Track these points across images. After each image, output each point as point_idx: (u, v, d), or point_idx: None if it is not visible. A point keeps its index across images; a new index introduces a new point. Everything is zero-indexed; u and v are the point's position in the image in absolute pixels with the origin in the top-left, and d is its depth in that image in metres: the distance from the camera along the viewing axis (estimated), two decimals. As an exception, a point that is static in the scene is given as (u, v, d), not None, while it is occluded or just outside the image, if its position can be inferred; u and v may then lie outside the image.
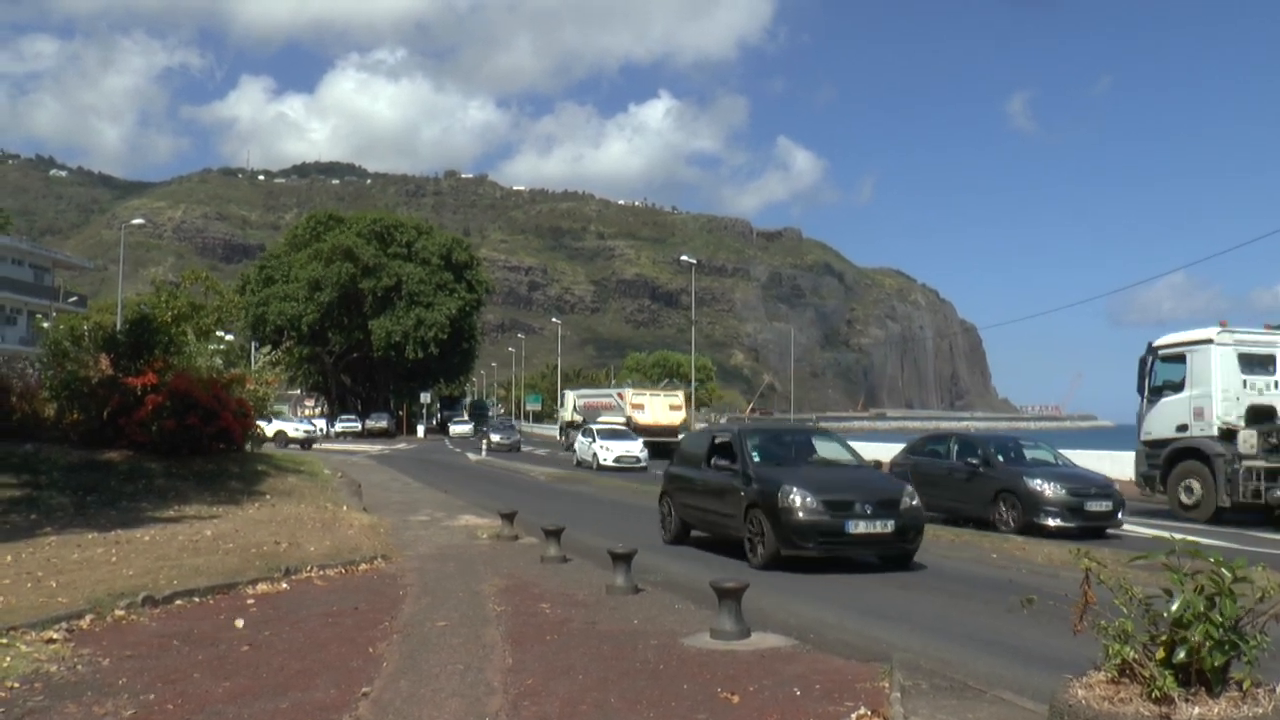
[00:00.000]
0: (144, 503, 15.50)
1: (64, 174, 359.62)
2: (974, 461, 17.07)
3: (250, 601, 9.15)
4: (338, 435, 69.61)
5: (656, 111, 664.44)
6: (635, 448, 36.06)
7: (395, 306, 75.27)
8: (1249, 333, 20.16)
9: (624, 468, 34.13)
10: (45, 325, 29.49)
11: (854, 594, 10.62)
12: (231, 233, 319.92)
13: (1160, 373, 20.84)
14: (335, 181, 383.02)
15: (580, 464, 36.74)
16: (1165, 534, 15.88)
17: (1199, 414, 19.39)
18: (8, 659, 6.53)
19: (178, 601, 8.81)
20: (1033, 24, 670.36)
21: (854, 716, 5.61)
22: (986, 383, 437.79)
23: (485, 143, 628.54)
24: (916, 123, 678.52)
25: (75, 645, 7.11)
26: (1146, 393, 21.12)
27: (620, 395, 51.22)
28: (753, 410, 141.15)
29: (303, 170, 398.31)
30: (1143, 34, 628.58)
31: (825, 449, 14.05)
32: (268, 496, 17.87)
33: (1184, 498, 19.62)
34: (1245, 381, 19.31)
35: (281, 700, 5.97)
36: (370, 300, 75.28)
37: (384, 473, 30.40)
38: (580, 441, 38.82)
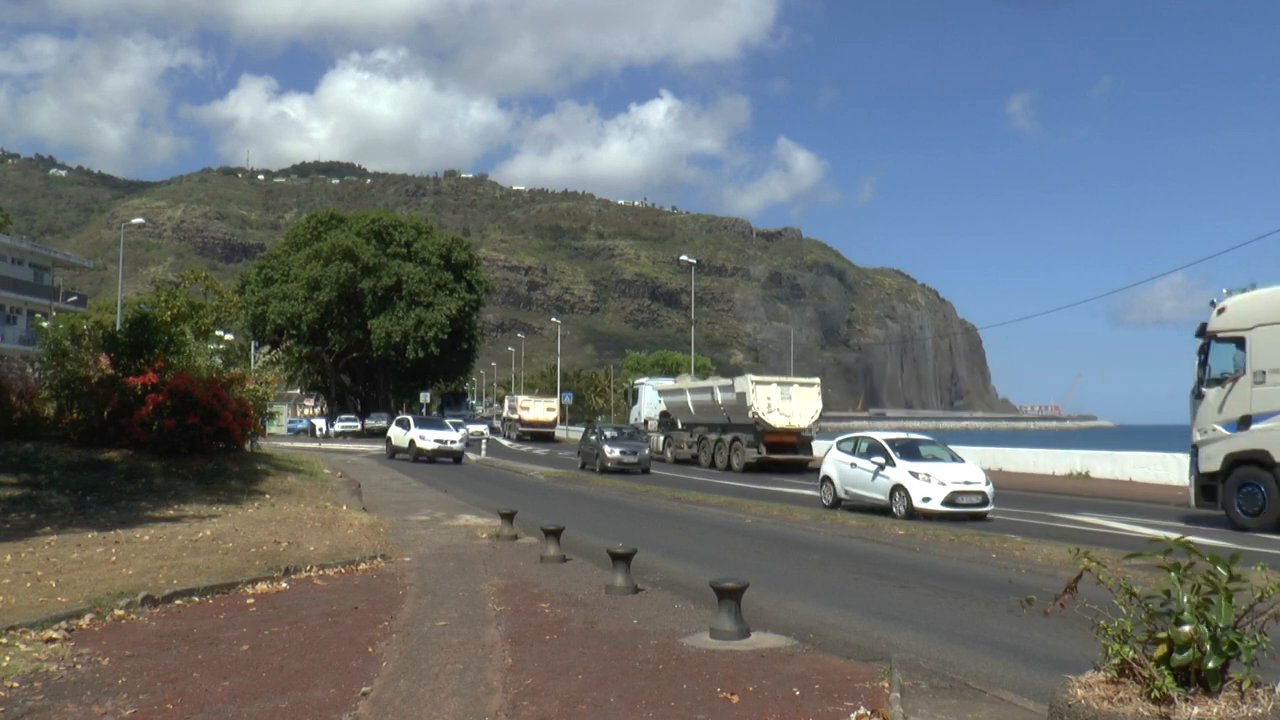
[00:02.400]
0: (144, 502, 15.50)
1: (64, 173, 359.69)
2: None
3: (250, 601, 9.15)
4: (337, 435, 69.69)
5: (658, 112, 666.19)
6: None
7: (395, 306, 75.18)
8: None
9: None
10: (45, 325, 29.51)
11: (853, 593, 10.62)
12: (231, 232, 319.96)
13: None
14: (335, 181, 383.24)
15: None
16: (1148, 531, 15.88)
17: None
18: (7, 658, 6.53)
19: (177, 601, 8.81)
20: (1033, 26, 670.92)
21: (854, 716, 5.61)
22: (986, 383, 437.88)
23: (485, 143, 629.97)
24: (918, 123, 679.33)
25: (75, 645, 7.11)
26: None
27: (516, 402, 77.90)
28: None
29: (303, 170, 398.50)
30: (1143, 35, 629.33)
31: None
32: (267, 496, 17.88)
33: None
34: None
35: (281, 700, 5.97)
36: (370, 300, 75.17)
37: (383, 472, 30.41)
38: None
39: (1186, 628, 3.88)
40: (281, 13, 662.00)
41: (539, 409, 74.09)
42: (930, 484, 18.81)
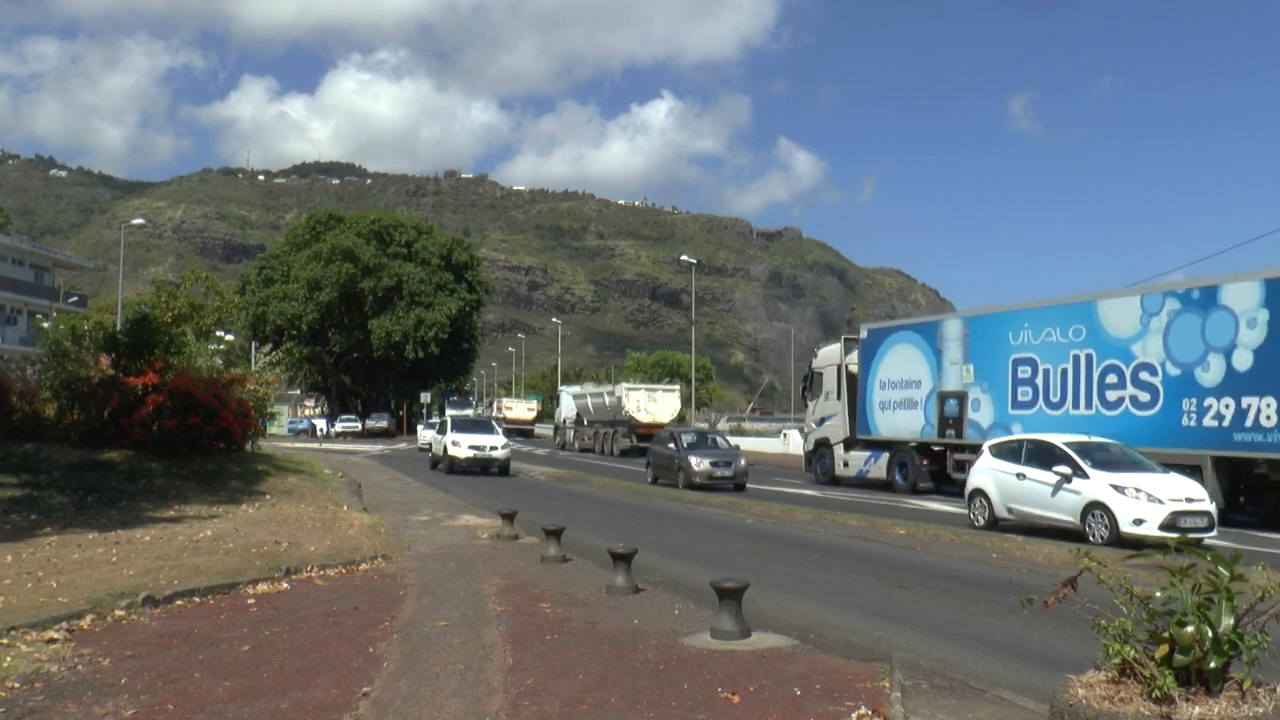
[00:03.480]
0: (144, 502, 15.51)
1: (64, 174, 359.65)
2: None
3: (251, 601, 9.16)
4: (338, 435, 69.68)
5: (659, 112, 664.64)
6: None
7: (395, 306, 75.21)
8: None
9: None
10: (45, 325, 29.47)
11: (854, 593, 10.62)
12: (231, 233, 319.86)
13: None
14: (335, 181, 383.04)
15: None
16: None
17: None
18: (8, 659, 6.53)
19: (178, 601, 8.82)
20: (1034, 26, 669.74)
21: (854, 716, 5.61)
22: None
23: (486, 143, 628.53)
24: (918, 123, 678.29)
25: (75, 645, 7.11)
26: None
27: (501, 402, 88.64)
28: (753, 409, 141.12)
29: (303, 170, 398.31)
30: (1143, 35, 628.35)
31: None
32: (268, 496, 17.88)
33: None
34: None
35: (282, 700, 5.98)
36: (370, 300, 75.19)
37: (384, 472, 30.42)
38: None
39: (1188, 628, 3.88)
40: (283, 13, 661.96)
41: (520, 409, 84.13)
42: (1142, 502, 14.64)
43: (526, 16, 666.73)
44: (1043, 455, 16.41)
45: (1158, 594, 4.09)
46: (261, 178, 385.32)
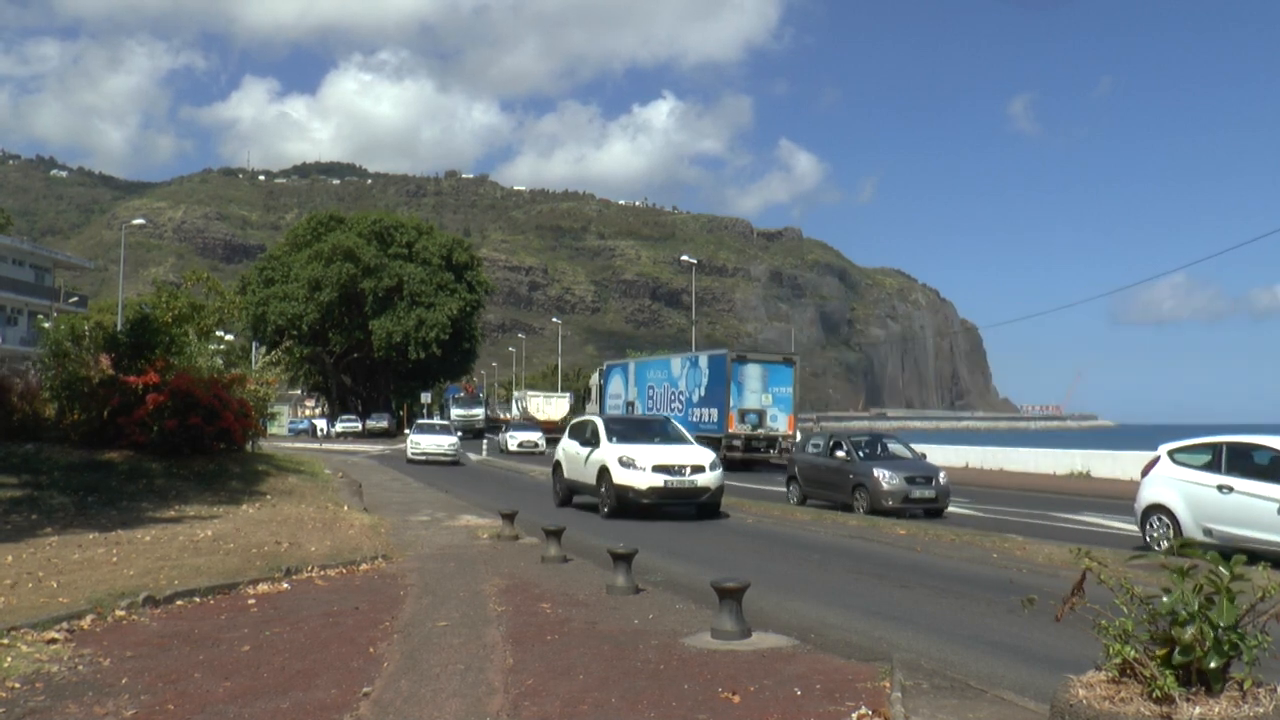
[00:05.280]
0: (145, 503, 15.51)
1: (64, 174, 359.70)
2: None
3: (251, 601, 9.15)
4: (338, 435, 69.70)
5: (660, 112, 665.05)
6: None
7: (396, 307, 75.19)
8: None
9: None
10: (46, 325, 29.51)
11: (854, 593, 10.62)
12: (232, 233, 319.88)
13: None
14: (336, 182, 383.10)
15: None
16: None
17: None
18: (9, 659, 6.53)
19: (178, 601, 8.82)
20: (1035, 27, 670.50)
21: (855, 716, 5.61)
22: (987, 382, 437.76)
23: (487, 143, 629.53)
24: (919, 124, 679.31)
25: (76, 645, 7.11)
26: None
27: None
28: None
29: (303, 170, 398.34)
30: (1143, 36, 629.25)
31: None
32: (268, 496, 17.89)
33: None
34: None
35: (282, 700, 5.97)
36: (371, 300, 75.18)
37: (384, 473, 30.41)
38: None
39: (1189, 628, 3.88)
40: (284, 14, 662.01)
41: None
42: None
43: (528, 17, 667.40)
44: (1242, 460, 13.34)
45: (1158, 594, 4.08)
46: (262, 178, 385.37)
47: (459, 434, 46.07)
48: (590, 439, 19.50)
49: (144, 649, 7.15)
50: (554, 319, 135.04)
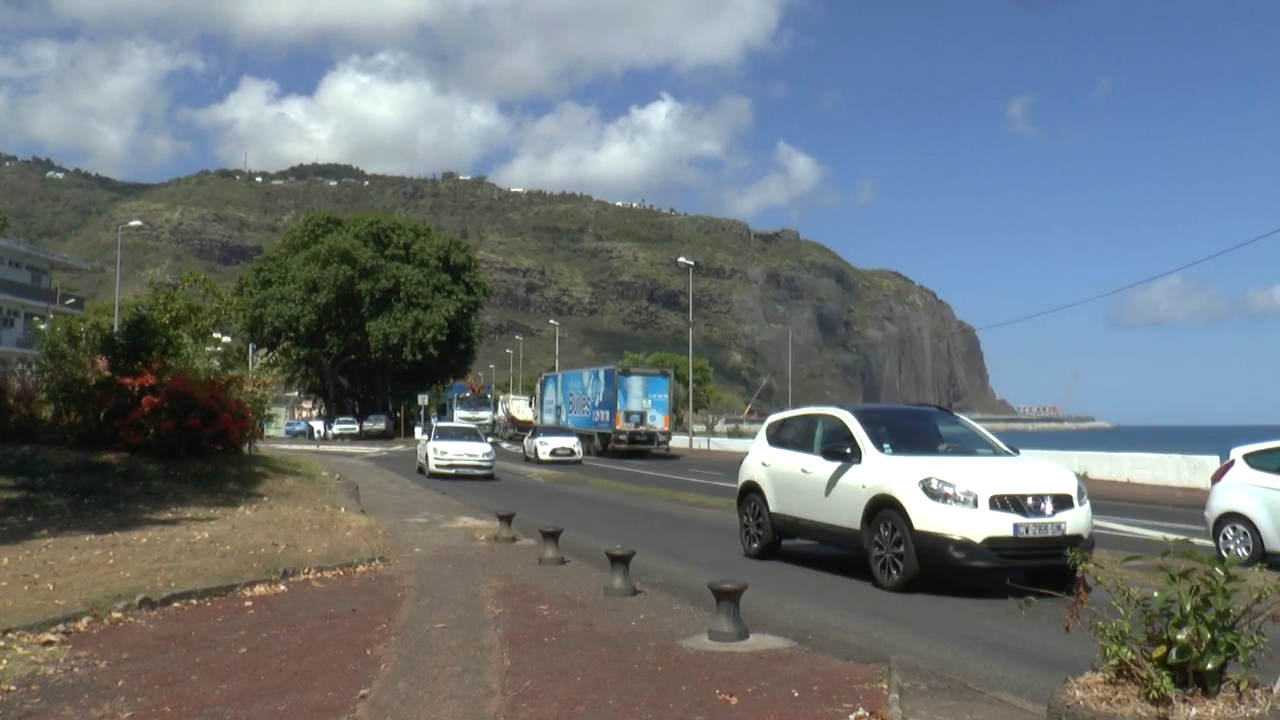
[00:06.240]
0: (141, 504, 15.49)
1: (61, 176, 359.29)
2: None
3: (248, 603, 9.14)
4: (335, 437, 69.65)
5: (658, 114, 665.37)
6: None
7: (393, 308, 75.12)
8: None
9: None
10: (42, 327, 29.45)
11: (851, 595, 10.61)
12: (229, 234, 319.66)
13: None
14: (333, 183, 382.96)
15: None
16: None
17: None
18: (4, 661, 6.52)
19: (175, 604, 8.80)
20: (1033, 29, 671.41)
21: (852, 717, 5.61)
22: (984, 384, 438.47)
23: (484, 145, 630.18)
24: (917, 126, 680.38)
25: (72, 647, 7.10)
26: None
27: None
28: (751, 411, 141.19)
29: (300, 172, 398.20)
30: (1141, 37, 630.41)
31: None
32: (265, 498, 17.87)
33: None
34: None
35: (279, 702, 5.97)
36: (368, 302, 75.12)
37: (381, 474, 30.38)
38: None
39: (1185, 629, 3.89)
40: (283, 16, 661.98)
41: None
42: None
43: (527, 19, 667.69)
44: None
45: (1155, 595, 4.09)
46: (259, 179, 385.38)
47: (492, 440, 39.28)
48: (836, 445, 11.75)
49: (140, 651, 7.14)
50: (551, 320, 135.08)
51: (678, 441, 66.20)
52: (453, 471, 29.41)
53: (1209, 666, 3.85)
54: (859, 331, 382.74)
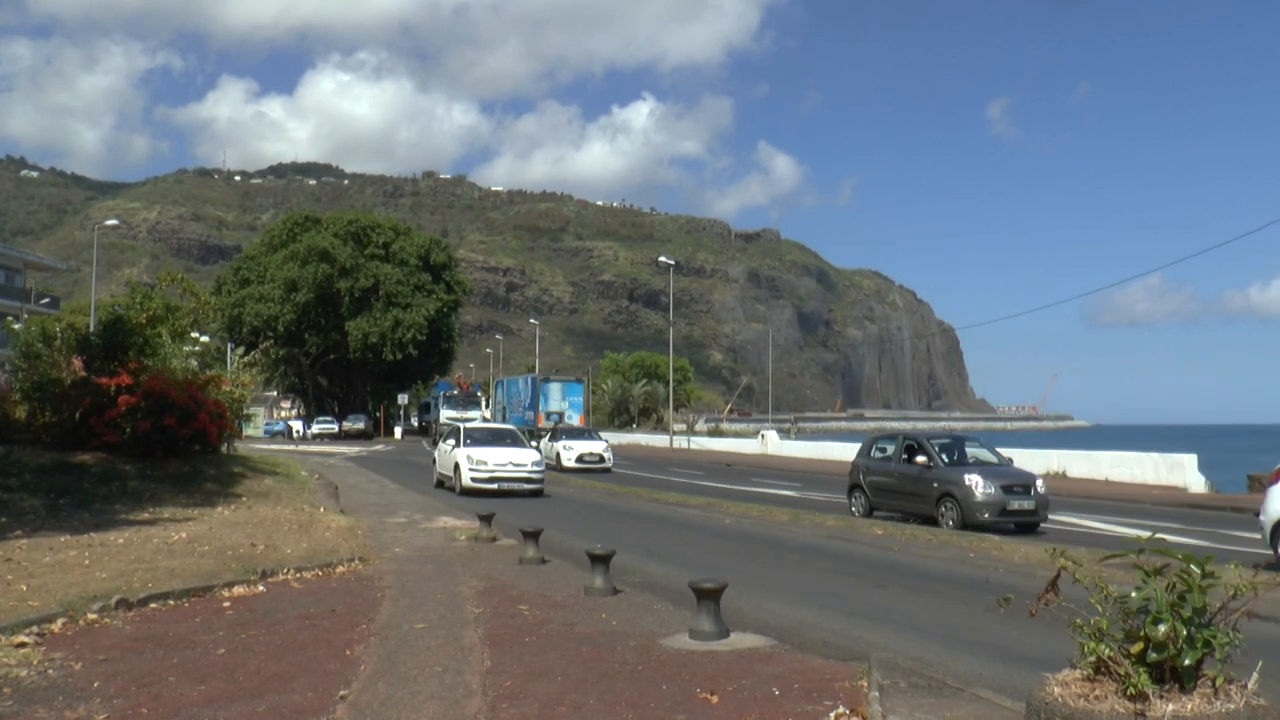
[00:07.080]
0: (118, 505, 15.36)
1: (36, 174, 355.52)
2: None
3: (226, 604, 9.08)
4: (314, 437, 69.26)
5: (639, 114, 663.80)
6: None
7: (372, 307, 74.81)
8: None
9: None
10: (17, 327, 29.14)
11: (832, 594, 10.65)
12: (207, 234, 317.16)
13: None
14: (312, 182, 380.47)
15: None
16: None
17: None
18: (-22, 664, 6.45)
19: (152, 604, 8.73)
20: (1013, 31, 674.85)
21: (833, 715, 5.63)
22: (964, 383, 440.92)
23: (465, 144, 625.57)
24: (898, 127, 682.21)
25: (46, 649, 7.02)
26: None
27: None
28: (731, 410, 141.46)
29: (279, 171, 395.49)
30: (1121, 40, 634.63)
31: None
32: (244, 498, 17.75)
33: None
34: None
35: (258, 703, 5.93)
36: (347, 301, 74.77)
37: (361, 474, 30.24)
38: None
39: (1162, 626, 3.91)
40: (263, 14, 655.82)
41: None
42: None
43: (509, 18, 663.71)
44: None
45: (1132, 593, 4.12)
46: (238, 178, 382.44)
47: (535, 445, 30.51)
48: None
49: (117, 652, 7.08)
50: (532, 320, 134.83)
51: (658, 440, 66.33)
52: (495, 487, 23.20)
53: (1186, 663, 3.88)
54: (839, 331, 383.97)
